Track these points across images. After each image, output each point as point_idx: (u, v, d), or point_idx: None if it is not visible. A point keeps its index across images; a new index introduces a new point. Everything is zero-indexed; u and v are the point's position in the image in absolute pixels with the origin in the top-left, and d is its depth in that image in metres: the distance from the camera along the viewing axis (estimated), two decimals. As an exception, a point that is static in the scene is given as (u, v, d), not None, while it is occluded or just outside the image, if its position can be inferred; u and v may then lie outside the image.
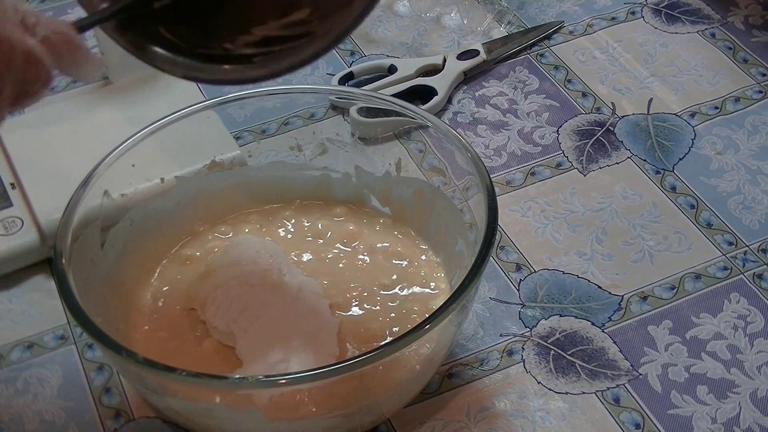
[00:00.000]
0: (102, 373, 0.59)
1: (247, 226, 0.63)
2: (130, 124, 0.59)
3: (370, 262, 0.61)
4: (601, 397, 0.57)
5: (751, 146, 0.71)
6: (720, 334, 0.60)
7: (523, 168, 0.70)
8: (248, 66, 0.49)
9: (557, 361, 0.58)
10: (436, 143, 0.60)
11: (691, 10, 0.82)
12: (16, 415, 0.57)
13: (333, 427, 0.52)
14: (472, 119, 0.74)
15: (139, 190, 0.60)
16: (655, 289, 0.62)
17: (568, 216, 0.67)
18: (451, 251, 0.59)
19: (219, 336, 0.56)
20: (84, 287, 0.52)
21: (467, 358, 0.59)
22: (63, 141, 0.68)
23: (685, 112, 0.74)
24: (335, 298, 0.58)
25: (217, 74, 0.49)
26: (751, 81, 0.76)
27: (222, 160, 0.63)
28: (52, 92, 0.77)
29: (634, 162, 0.70)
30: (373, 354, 0.47)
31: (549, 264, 0.64)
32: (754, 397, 0.56)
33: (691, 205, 0.67)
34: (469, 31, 0.81)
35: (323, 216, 0.63)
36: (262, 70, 0.49)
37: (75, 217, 0.54)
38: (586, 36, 0.80)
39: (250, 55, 0.49)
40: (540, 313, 0.61)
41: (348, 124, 0.66)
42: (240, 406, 0.50)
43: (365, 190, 0.63)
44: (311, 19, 0.49)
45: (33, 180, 0.66)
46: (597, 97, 0.75)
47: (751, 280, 0.62)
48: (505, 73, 0.78)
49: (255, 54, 0.49)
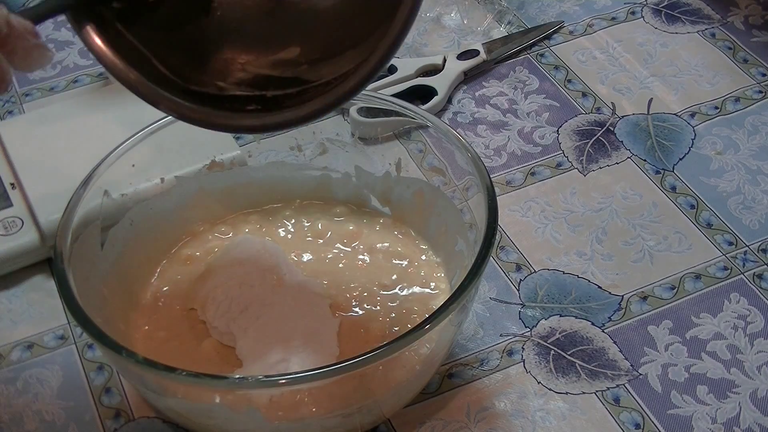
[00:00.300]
0: (102, 373, 0.59)
1: (247, 226, 0.63)
2: (130, 124, 0.59)
3: (370, 262, 0.61)
4: (601, 397, 0.57)
5: (751, 146, 0.71)
6: (720, 334, 0.60)
7: (523, 168, 0.70)
8: (241, 114, 0.48)
9: (557, 361, 0.58)
10: (436, 143, 0.60)
11: (691, 10, 0.82)
12: (16, 415, 0.57)
13: (333, 427, 0.52)
14: (472, 119, 0.74)
15: (139, 190, 0.60)
16: (655, 289, 0.62)
17: (568, 216, 0.67)
18: (451, 251, 0.59)
19: (219, 336, 0.56)
20: (84, 287, 0.52)
21: (467, 358, 0.59)
22: (63, 141, 0.68)
23: (685, 112, 0.74)
24: (335, 298, 0.58)
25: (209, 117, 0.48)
26: (751, 81, 0.76)
27: (222, 160, 0.63)
28: (52, 92, 0.77)
29: (634, 162, 0.70)
30: (373, 354, 0.47)
31: (549, 264, 0.64)
32: (754, 397, 0.56)
33: (691, 205, 0.67)
34: (469, 31, 0.81)
35: (323, 216, 0.63)
36: (254, 121, 0.48)
37: (75, 217, 0.54)
38: (586, 36, 0.80)
39: (242, 99, 0.49)
40: (540, 313, 0.61)
41: (348, 124, 0.66)
42: (240, 406, 0.50)
43: (365, 190, 0.63)
44: (301, 61, 0.49)
45: (33, 180, 0.65)
46: (597, 97, 0.75)
47: (751, 280, 0.62)
48: (505, 73, 0.78)
49: (248, 97, 0.49)
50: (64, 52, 0.80)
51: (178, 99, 0.48)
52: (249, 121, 0.48)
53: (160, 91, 0.48)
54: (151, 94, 0.48)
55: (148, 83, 0.48)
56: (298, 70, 0.49)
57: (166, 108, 0.49)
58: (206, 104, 0.49)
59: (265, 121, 0.48)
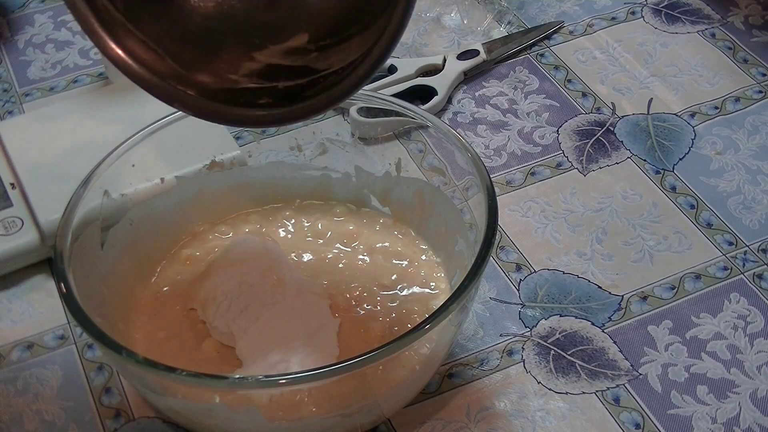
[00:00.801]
0: (102, 373, 0.59)
1: (247, 226, 0.63)
2: (130, 124, 0.59)
3: (370, 262, 0.61)
4: (601, 397, 0.57)
5: (751, 146, 0.71)
6: (720, 334, 0.60)
7: (523, 168, 0.70)
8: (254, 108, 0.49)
9: (557, 361, 0.58)
10: (436, 143, 0.60)
11: (691, 10, 0.82)
12: (16, 414, 0.57)
13: (333, 426, 0.52)
14: (472, 119, 0.74)
15: (139, 190, 0.60)
16: (655, 289, 0.62)
17: (568, 216, 0.67)
18: (451, 251, 0.59)
19: (219, 336, 0.56)
20: (84, 287, 0.52)
21: (467, 358, 0.59)
22: (63, 141, 0.68)
23: (685, 112, 0.74)
24: (335, 298, 0.58)
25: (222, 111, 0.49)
26: (751, 81, 0.76)
27: (222, 160, 0.63)
28: (52, 92, 0.77)
29: (634, 162, 0.70)
30: (373, 354, 0.47)
31: (549, 264, 0.64)
32: (754, 397, 0.56)
33: (691, 205, 0.67)
34: (469, 31, 0.81)
35: (323, 216, 0.63)
36: (268, 112, 0.49)
37: (75, 217, 0.54)
38: (586, 36, 0.80)
39: (255, 92, 0.49)
40: (540, 313, 0.61)
41: (348, 124, 0.66)
42: (240, 406, 0.50)
43: (365, 190, 0.63)
44: (310, 49, 0.49)
45: (33, 180, 0.65)
46: (597, 97, 0.75)
47: (751, 280, 0.62)
48: (505, 73, 0.78)
49: (260, 90, 0.49)
50: (64, 52, 0.80)
51: (192, 94, 0.49)
52: (262, 112, 0.49)
53: (173, 87, 0.49)
54: (165, 92, 0.49)
55: (161, 82, 0.49)
56: (307, 58, 0.49)
57: (180, 105, 0.50)
58: (218, 100, 0.49)
59: (277, 112, 0.49)
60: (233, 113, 0.49)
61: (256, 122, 0.52)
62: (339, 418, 0.52)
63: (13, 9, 0.84)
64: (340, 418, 0.52)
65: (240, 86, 0.49)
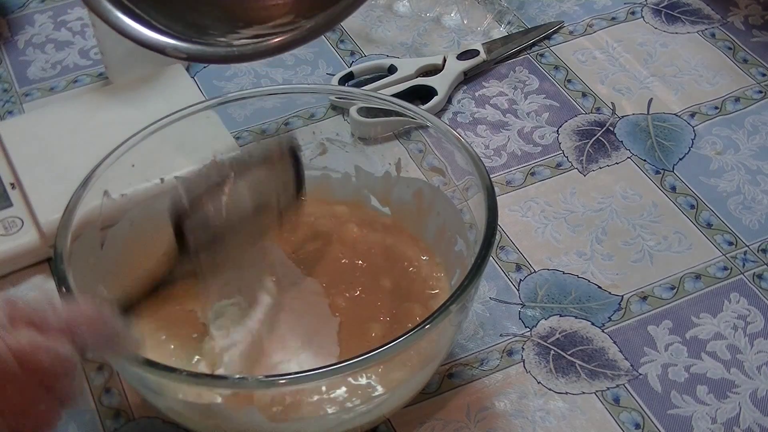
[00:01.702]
0: (102, 373, 0.59)
1: (247, 226, 0.63)
2: (130, 124, 0.59)
3: (369, 262, 0.61)
4: (601, 397, 0.57)
5: (751, 146, 0.71)
6: (720, 334, 0.60)
7: (523, 168, 0.70)
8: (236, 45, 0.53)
9: (557, 361, 0.58)
10: (436, 143, 0.60)
11: (691, 10, 0.82)
12: (16, 415, 0.57)
13: (333, 427, 0.52)
14: (472, 119, 0.74)
15: (139, 190, 0.60)
16: (655, 289, 0.62)
17: (568, 216, 0.67)
18: (451, 251, 0.59)
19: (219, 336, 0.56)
20: (84, 287, 0.52)
21: (467, 358, 0.59)
22: (63, 141, 0.68)
23: (685, 112, 0.74)
24: (335, 298, 0.58)
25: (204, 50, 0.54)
26: (751, 81, 0.76)
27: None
28: (52, 92, 0.77)
29: (634, 162, 0.70)
30: (373, 354, 0.47)
31: (549, 264, 0.64)
32: (754, 397, 0.56)
33: (691, 205, 0.67)
34: (469, 31, 0.81)
35: (323, 216, 0.63)
36: (251, 44, 0.53)
37: (75, 217, 0.54)
38: (586, 36, 0.80)
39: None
40: (540, 313, 0.61)
41: (348, 124, 0.66)
42: (240, 406, 0.50)
43: (365, 190, 0.63)
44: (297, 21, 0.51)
45: (33, 180, 0.65)
46: (597, 97, 0.75)
47: (751, 280, 0.62)
48: (505, 73, 0.78)
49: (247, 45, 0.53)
50: (64, 52, 0.80)
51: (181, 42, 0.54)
52: (247, 48, 0.53)
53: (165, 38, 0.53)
54: (156, 44, 0.53)
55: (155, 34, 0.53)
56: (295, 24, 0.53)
57: (173, 51, 0.53)
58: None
59: (260, 46, 0.53)
60: (217, 49, 0.54)
61: (241, 56, 0.55)
62: (339, 418, 0.52)
63: (13, 9, 0.84)
64: (340, 418, 0.52)
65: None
